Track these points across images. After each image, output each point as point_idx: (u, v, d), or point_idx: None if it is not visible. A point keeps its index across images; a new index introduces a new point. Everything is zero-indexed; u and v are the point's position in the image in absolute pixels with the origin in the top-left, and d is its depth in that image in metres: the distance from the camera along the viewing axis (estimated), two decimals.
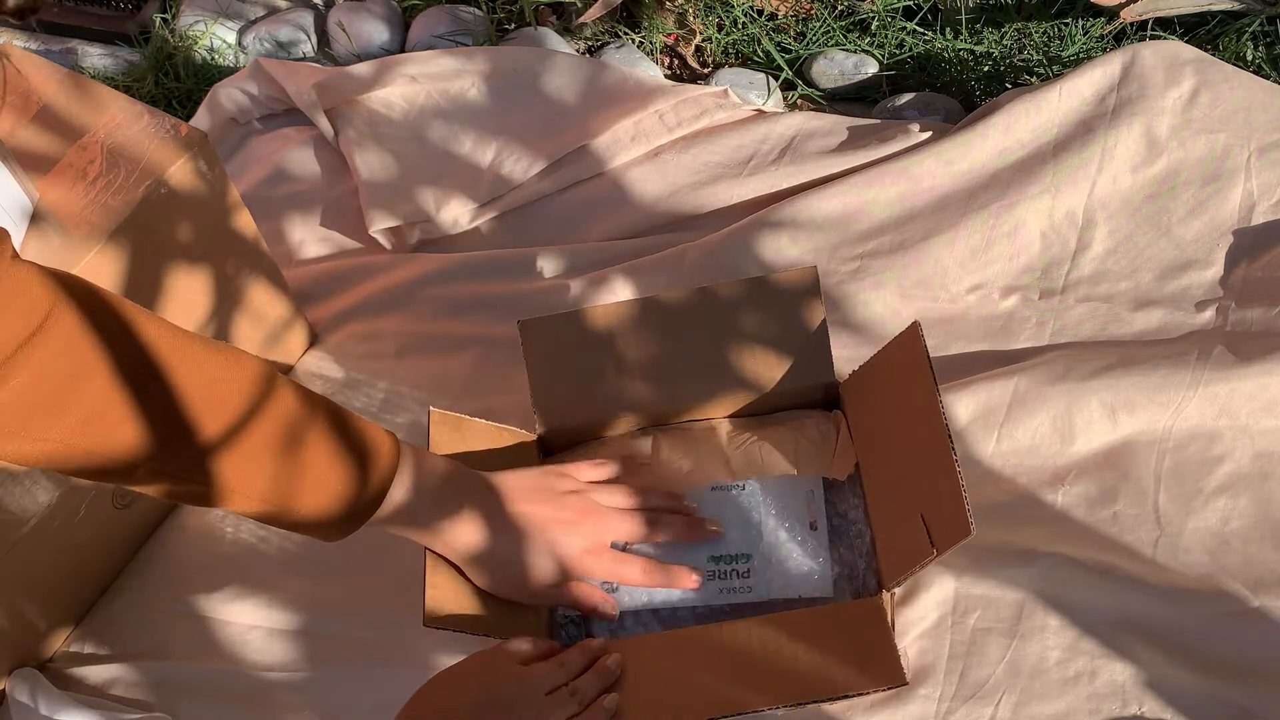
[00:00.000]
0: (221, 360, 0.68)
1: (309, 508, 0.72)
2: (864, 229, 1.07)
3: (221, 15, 1.43)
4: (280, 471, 0.69)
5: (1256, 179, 1.04)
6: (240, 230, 0.96)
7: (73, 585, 0.93)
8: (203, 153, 0.88)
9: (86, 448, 0.63)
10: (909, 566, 0.77)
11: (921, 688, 0.82)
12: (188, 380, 0.65)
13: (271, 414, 0.68)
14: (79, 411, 0.62)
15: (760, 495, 0.86)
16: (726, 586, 0.84)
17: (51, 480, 0.85)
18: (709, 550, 0.85)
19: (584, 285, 1.06)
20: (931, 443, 0.77)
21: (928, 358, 0.79)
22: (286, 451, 0.69)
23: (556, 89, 1.22)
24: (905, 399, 0.82)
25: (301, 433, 0.70)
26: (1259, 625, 0.82)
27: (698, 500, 0.88)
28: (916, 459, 0.80)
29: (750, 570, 0.84)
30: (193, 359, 0.66)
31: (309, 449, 0.70)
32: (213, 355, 0.68)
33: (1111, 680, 0.81)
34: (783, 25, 1.33)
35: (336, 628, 0.91)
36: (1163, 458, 0.90)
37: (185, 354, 0.66)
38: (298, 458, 0.70)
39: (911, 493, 0.80)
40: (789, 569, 0.84)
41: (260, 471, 0.69)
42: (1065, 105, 1.08)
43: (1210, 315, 0.98)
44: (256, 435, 0.68)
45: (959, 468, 0.74)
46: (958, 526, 0.72)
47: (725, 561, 0.85)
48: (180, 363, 0.65)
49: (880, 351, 0.86)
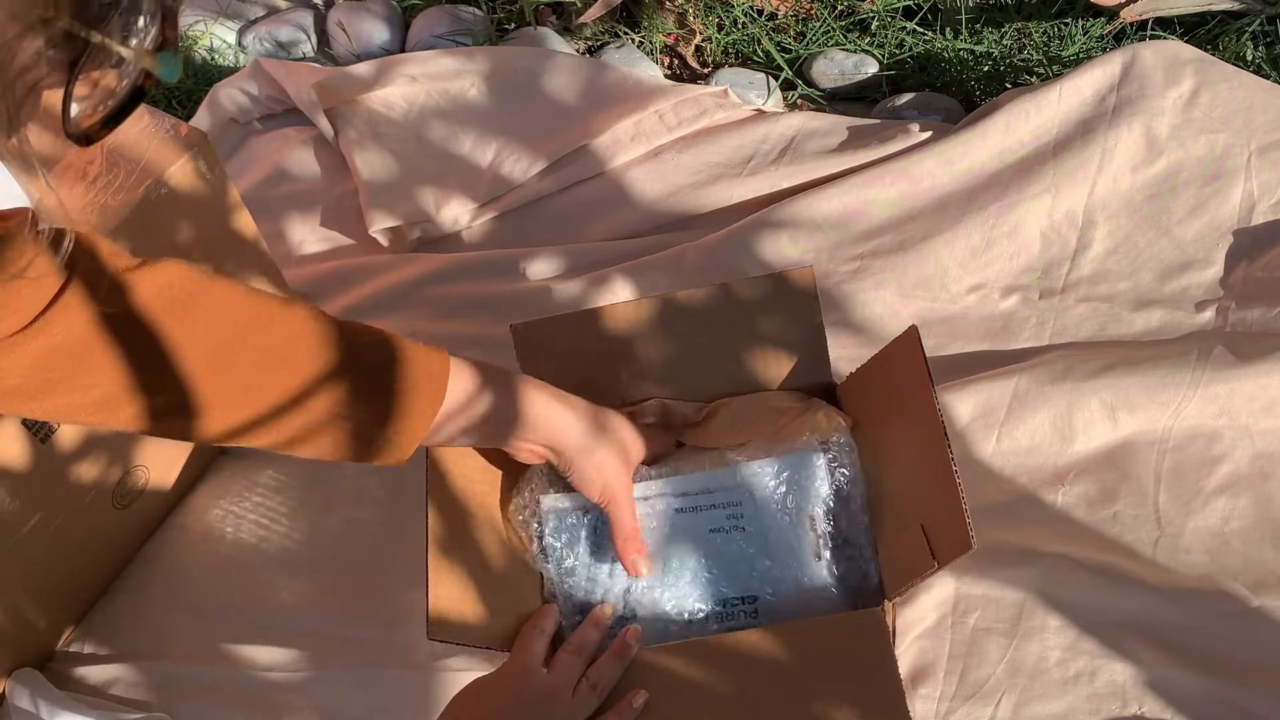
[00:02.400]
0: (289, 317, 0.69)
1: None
2: (864, 229, 1.07)
3: (221, 15, 1.43)
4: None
5: (1256, 179, 1.04)
6: (240, 230, 0.95)
7: (73, 585, 0.93)
8: (203, 153, 0.88)
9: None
10: (910, 577, 0.77)
11: (921, 688, 0.82)
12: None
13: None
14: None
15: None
16: (732, 626, 0.83)
17: (51, 480, 0.85)
18: (715, 597, 0.84)
19: (584, 285, 1.06)
20: (930, 450, 0.77)
21: (926, 363, 0.79)
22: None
23: (557, 89, 1.22)
24: (903, 404, 0.82)
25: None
26: (1259, 625, 0.82)
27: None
28: (916, 466, 0.80)
29: (757, 612, 0.83)
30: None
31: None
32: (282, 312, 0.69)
33: (1111, 680, 0.81)
34: (783, 25, 1.33)
35: (336, 628, 0.91)
36: (1163, 458, 0.90)
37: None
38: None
39: (911, 501, 0.79)
40: (794, 604, 0.83)
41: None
42: (1065, 105, 1.08)
43: (1210, 315, 0.98)
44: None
45: (959, 477, 0.74)
46: (959, 539, 0.72)
47: (732, 604, 0.83)
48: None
49: (877, 355, 0.86)
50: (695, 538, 0.85)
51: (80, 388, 0.63)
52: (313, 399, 0.69)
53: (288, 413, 0.69)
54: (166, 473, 0.96)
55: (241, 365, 0.67)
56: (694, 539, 0.85)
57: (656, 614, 0.83)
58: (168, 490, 0.98)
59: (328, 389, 0.69)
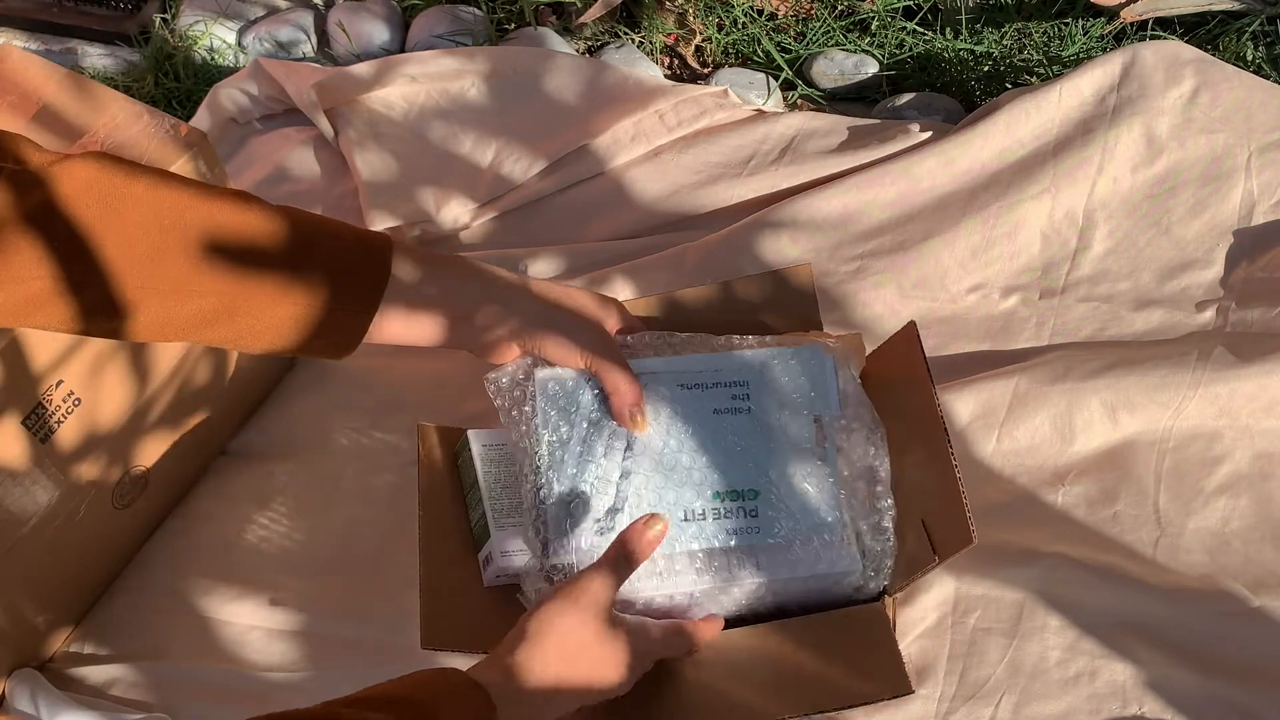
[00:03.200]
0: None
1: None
2: (864, 229, 1.07)
3: (221, 15, 1.43)
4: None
5: (1256, 179, 1.04)
6: None
7: (73, 585, 0.93)
8: (203, 153, 0.88)
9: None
10: (911, 573, 0.77)
11: (921, 688, 0.82)
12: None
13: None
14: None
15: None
16: (731, 526, 0.79)
17: (51, 480, 0.85)
18: (711, 487, 0.80)
19: (584, 285, 1.06)
20: (930, 446, 0.77)
21: (925, 359, 0.79)
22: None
23: (557, 89, 1.22)
24: (902, 400, 0.82)
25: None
26: (1259, 625, 0.82)
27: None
28: (916, 461, 0.80)
29: (756, 511, 0.80)
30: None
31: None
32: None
33: (1112, 680, 0.81)
34: (783, 25, 1.33)
35: (336, 628, 0.91)
36: (1163, 458, 0.90)
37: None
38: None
39: (912, 496, 0.79)
40: (796, 508, 0.80)
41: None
42: (1065, 105, 1.08)
43: (1210, 315, 0.98)
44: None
45: (959, 472, 0.74)
46: (959, 534, 0.72)
47: (731, 498, 0.80)
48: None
49: (875, 351, 0.86)
50: (698, 418, 0.81)
51: (10, 282, 0.62)
52: (249, 289, 0.67)
53: (224, 304, 0.67)
54: (166, 473, 0.96)
55: (172, 257, 0.66)
56: (697, 419, 0.81)
57: (650, 508, 0.79)
58: (168, 490, 0.98)
59: (263, 277, 0.67)
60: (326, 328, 0.71)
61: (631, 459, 0.80)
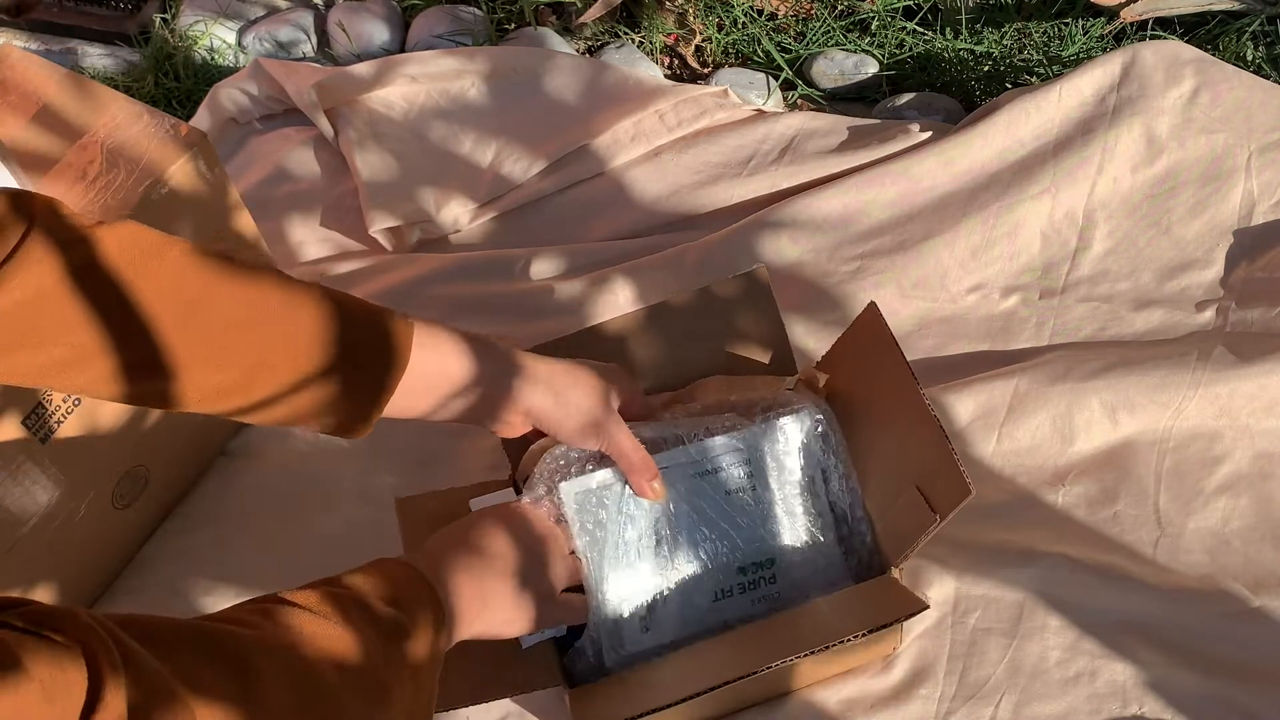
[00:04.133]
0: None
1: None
2: (864, 229, 1.07)
3: (221, 15, 1.43)
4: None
5: (1256, 179, 1.04)
6: (240, 230, 0.96)
7: (73, 585, 0.93)
8: (203, 153, 0.88)
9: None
10: (913, 538, 0.77)
11: (921, 688, 0.82)
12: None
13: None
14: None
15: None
16: (757, 596, 0.84)
17: (51, 480, 0.85)
18: (736, 564, 0.84)
19: (584, 285, 1.06)
20: (913, 416, 0.76)
21: (890, 334, 0.79)
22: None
23: (557, 89, 1.22)
24: (877, 379, 0.81)
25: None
26: (1259, 625, 0.82)
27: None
28: (900, 435, 0.79)
29: (775, 577, 0.84)
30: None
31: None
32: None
33: (1112, 680, 0.81)
34: (783, 25, 1.33)
35: None
36: (1163, 458, 0.90)
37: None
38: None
39: (902, 469, 0.79)
40: (806, 568, 0.84)
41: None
42: (1065, 105, 1.08)
43: (1210, 315, 0.98)
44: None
45: (944, 429, 0.74)
46: (957, 489, 0.72)
47: (753, 570, 0.84)
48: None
49: (841, 338, 0.85)
50: (715, 503, 0.84)
51: (43, 345, 0.61)
52: (278, 365, 0.67)
53: (258, 377, 0.67)
54: (166, 473, 0.96)
55: (210, 323, 0.65)
56: (715, 504, 0.84)
57: (685, 596, 0.83)
58: (168, 490, 0.98)
59: (294, 354, 0.67)
60: (339, 410, 0.71)
61: (664, 556, 0.83)
